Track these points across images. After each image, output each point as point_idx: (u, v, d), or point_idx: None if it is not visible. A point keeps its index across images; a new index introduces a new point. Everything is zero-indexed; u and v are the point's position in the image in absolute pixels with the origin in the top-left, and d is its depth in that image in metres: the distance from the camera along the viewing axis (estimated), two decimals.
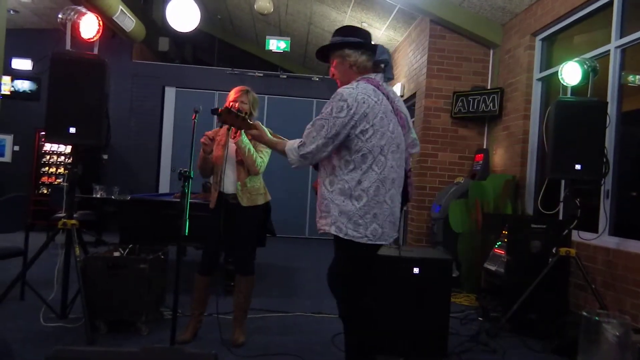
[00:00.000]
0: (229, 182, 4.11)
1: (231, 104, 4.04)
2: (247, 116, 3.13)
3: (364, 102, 2.80)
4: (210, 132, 4.17)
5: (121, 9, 8.57)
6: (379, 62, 2.99)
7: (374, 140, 2.84)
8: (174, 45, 12.24)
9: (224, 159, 4.06)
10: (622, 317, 1.53)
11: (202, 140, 4.00)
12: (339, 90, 2.86)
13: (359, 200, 2.83)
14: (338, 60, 3.05)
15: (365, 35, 3.06)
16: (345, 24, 9.67)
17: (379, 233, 2.88)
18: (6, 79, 10.09)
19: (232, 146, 4.11)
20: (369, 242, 2.86)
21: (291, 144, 2.92)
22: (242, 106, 4.08)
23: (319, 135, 2.81)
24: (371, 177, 2.84)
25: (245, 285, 4.17)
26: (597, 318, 1.53)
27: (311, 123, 2.88)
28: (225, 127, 4.21)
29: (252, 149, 4.04)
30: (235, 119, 3.07)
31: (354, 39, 3.00)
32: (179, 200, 3.84)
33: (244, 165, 4.08)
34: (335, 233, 2.85)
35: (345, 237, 2.83)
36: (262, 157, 4.12)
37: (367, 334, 3.13)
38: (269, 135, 3.16)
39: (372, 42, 3.06)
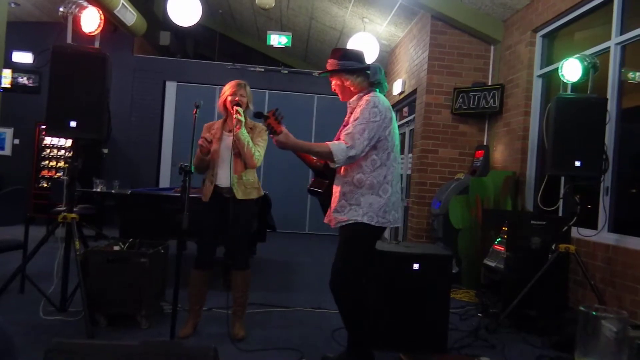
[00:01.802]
0: (224, 176, 4.09)
1: (231, 100, 4.03)
2: (279, 114, 3.19)
3: (389, 108, 3.33)
4: (207, 134, 4.15)
5: (122, 3, 8.56)
6: (373, 83, 3.39)
7: (393, 140, 3.36)
8: (175, 39, 12.23)
9: (220, 152, 4.06)
10: (620, 313, 1.54)
11: (199, 142, 3.96)
12: (370, 98, 3.28)
13: (386, 193, 3.32)
14: (337, 82, 3.44)
15: (359, 57, 3.42)
16: (346, 20, 9.70)
17: (396, 218, 3.40)
18: (7, 72, 10.09)
19: (227, 139, 4.09)
20: (391, 225, 3.40)
21: (337, 146, 3.18)
22: (242, 99, 4.07)
23: (362, 137, 3.19)
24: (392, 172, 3.36)
25: (241, 280, 4.18)
26: (595, 313, 1.54)
27: (352, 127, 3.21)
28: (220, 120, 4.21)
29: (250, 141, 4.03)
30: (278, 125, 3.15)
31: (350, 63, 3.37)
32: (179, 194, 3.84)
33: (241, 158, 4.07)
34: (367, 222, 3.26)
35: (377, 225, 3.28)
36: (259, 151, 4.11)
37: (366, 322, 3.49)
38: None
39: (367, 62, 3.42)
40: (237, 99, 4.05)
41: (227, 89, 4.12)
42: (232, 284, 4.22)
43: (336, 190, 3.42)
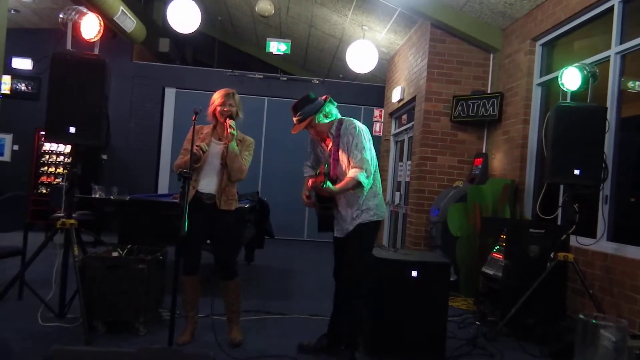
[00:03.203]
0: (206, 183, 4.08)
1: (220, 110, 4.05)
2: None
3: (365, 126, 3.96)
4: (197, 139, 4.10)
5: (122, 10, 8.58)
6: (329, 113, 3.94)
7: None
8: (174, 46, 12.24)
9: (207, 159, 4.05)
10: (619, 321, 1.53)
11: (194, 149, 3.83)
12: (354, 125, 3.85)
13: (380, 193, 3.97)
14: (316, 122, 3.90)
15: (312, 99, 3.97)
16: (346, 27, 9.72)
17: (384, 211, 4.07)
18: (6, 78, 10.09)
19: (216, 147, 4.09)
20: (383, 217, 4.00)
21: (360, 175, 3.71)
22: (231, 109, 4.07)
23: (369, 160, 3.79)
24: (377, 175, 3.97)
25: (231, 289, 4.17)
26: (594, 321, 1.53)
27: (359, 154, 3.75)
28: (210, 126, 4.19)
29: (239, 156, 4.05)
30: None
31: (310, 106, 3.92)
32: (177, 200, 3.82)
33: (227, 168, 4.07)
34: (377, 219, 3.89)
35: (380, 220, 3.93)
36: (245, 166, 4.13)
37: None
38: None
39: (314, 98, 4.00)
40: (226, 109, 4.05)
41: (217, 98, 4.11)
42: (223, 292, 4.20)
43: (344, 206, 3.91)
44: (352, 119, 3.95)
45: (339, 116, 3.98)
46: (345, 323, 3.94)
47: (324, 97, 4.00)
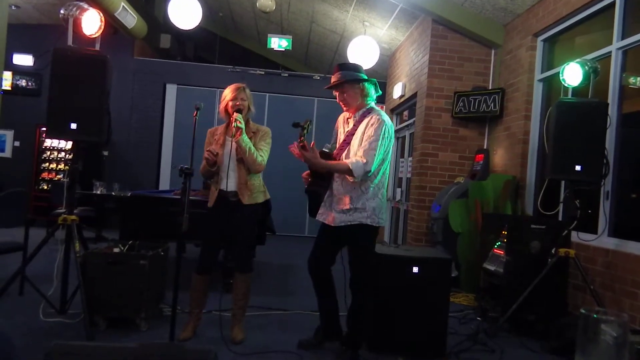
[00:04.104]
0: (230, 180, 4.08)
1: (232, 105, 4.04)
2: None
3: (392, 125, 3.78)
4: (212, 141, 4.15)
5: (123, 6, 8.57)
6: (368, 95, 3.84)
7: (391, 152, 3.82)
8: (175, 42, 12.23)
9: (223, 158, 4.06)
10: (620, 316, 1.53)
11: (205, 155, 3.95)
12: (380, 117, 3.69)
13: (383, 197, 3.80)
14: (351, 91, 3.77)
15: (359, 69, 3.86)
16: (347, 23, 9.71)
17: (385, 219, 3.85)
18: (7, 74, 10.10)
19: (232, 144, 4.09)
20: (382, 225, 3.86)
21: (356, 164, 3.55)
22: (242, 103, 4.07)
23: (378, 153, 3.61)
24: (386, 178, 3.83)
25: (243, 283, 4.18)
26: (595, 316, 1.53)
27: (367, 144, 3.60)
28: (223, 125, 4.21)
29: (252, 147, 4.03)
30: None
31: (351, 73, 3.77)
32: (179, 197, 3.84)
33: (244, 163, 4.07)
34: (370, 223, 3.72)
35: (377, 225, 3.76)
36: (262, 156, 4.10)
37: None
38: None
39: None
40: (237, 103, 4.04)
41: (228, 93, 4.10)
42: (234, 286, 4.22)
43: (340, 192, 3.77)
44: (382, 111, 3.82)
45: (373, 105, 3.87)
46: (348, 320, 3.95)
47: (373, 79, 3.87)
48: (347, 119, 3.92)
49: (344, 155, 3.79)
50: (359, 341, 3.91)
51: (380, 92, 3.90)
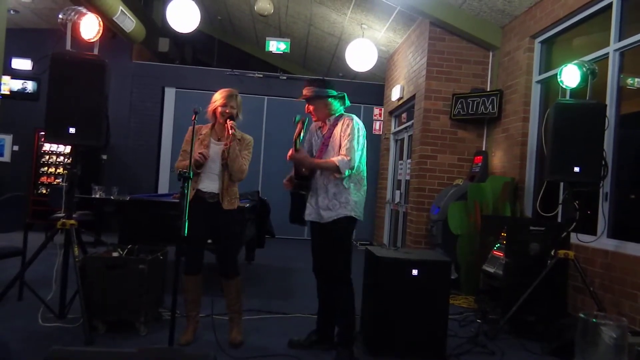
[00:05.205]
0: (211, 183, 4.09)
1: (221, 111, 4.05)
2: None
3: (363, 125, 4.08)
4: (201, 142, 4.13)
5: (121, 10, 8.58)
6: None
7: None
8: (173, 45, 12.24)
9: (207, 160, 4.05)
10: (619, 319, 1.53)
11: (196, 157, 3.91)
12: (351, 119, 4.00)
13: (364, 192, 4.06)
14: (319, 105, 4.08)
15: (329, 84, 4.17)
16: (345, 26, 9.71)
17: (362, 212, 4.05)
18: (6, 78, 10.09)
19: (215, 147, 4.10)
20: (361, 219, 4.06)
21: (341, 161, 3.83)
22: (232, 111, 4.06)
23: (357, 150, 3.91)
24: (364, 172, 4.08)
25: (232, 287, 4.17)
26: (594, 320, 1.53)
27: (348, 143, 3.89)
28: (208, 126, 4.20)
29: (239, 156, 4.07)
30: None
31: (330, 91, 4.08)
32: (178, 200, 3.83)
33: (228, 169, 4.07)
34: (353, 215, 3.95)
35: (357, 218, 3.98)
36: (245, 165, 4.14)
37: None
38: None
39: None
40: (227, 110, 4.04)
41: (218, 98, 4.10)
42: (224, 292, 4.20)
43: (324, 189, 4.01)
44: (353, 115, 4.08)
45: (342, 111, 4.15)
46: (337, 318, 4.03)
47: (341, 93, 4.17)
48: (319, 127, 4.20)
49: (324, 157, 4.01)
50: (350, 337, 3.95)
51: (349, 103, 4.20)
